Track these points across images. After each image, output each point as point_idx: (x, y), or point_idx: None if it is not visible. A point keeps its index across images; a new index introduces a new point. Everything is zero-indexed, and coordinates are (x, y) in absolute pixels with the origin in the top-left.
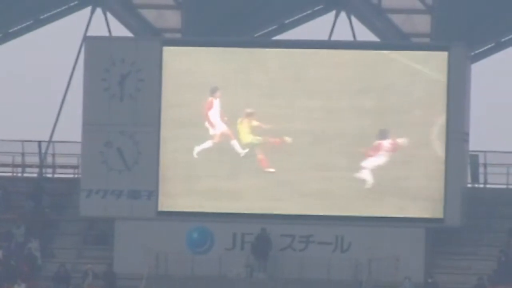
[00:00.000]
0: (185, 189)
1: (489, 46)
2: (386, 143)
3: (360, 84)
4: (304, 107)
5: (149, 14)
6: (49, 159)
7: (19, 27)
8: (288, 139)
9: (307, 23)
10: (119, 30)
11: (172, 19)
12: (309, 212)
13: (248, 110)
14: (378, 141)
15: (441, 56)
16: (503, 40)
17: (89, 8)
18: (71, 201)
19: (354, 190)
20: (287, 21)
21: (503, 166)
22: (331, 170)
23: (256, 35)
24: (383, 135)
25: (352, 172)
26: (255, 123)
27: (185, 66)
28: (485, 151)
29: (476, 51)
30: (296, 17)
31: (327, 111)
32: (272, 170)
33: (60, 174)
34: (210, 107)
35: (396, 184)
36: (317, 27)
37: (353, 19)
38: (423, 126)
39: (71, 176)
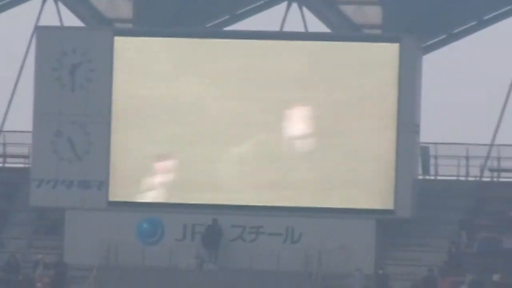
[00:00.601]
0: (136, 179)
1: (441, 37)
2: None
3: (311, 76)
4: (256, 98)
5: (100, 4)
6: None
7: None
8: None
9: (259, 14)
10: (71, 20)
11: (123, 9)
12: (259, 203)
13: None
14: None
15: (393, 48)
16: (454, 31)
17: None
18: (22, 191)
19: (305, 181)
20: (238, 12)
21: (454, 158)
22: (282, 161)
23: (207, 25)
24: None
25: (302, 163)
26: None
27: (136, 56)
28: (436, 143)
29: (428, 43)
30: (247, 8)
31: (279, 102)
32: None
33: (11, 163)
34: None
35: (347, 176)
36: (268, 18)
37: (305, 10)
38: (374, 117)
39: (22, 165)
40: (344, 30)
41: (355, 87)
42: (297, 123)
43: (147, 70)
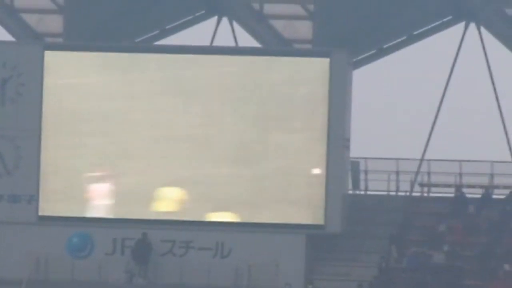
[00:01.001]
0: (65, 194)
1: (371, 52)
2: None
3: (241, 91)
4: (184, 112)
5: (30, 18)
6: None
7: None
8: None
9: (189, 29)
10: (1, 34)
11: (53, 23)
12: (189, 218)
13: None
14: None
15: (323, 62)
16: (385, 46)
17: None
18: None
19: (235, 196)
20: (168, 27)
21: (384, 172)
22: (212, 176)
23: (137, 40)
24: None
25: (232, 179)
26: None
27: (66, 71)
28: (366, 158)
29: (358, 58)
30: (177, 22)
31: (208, 116)
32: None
33: None
34: None
35: (277, 190)
36: (198, 33)
37: (235, 24)
38: (304, 132)
39: None
40: (275, 45)
41: (286, 101)
42: (227, 137)
43: (76, 84)
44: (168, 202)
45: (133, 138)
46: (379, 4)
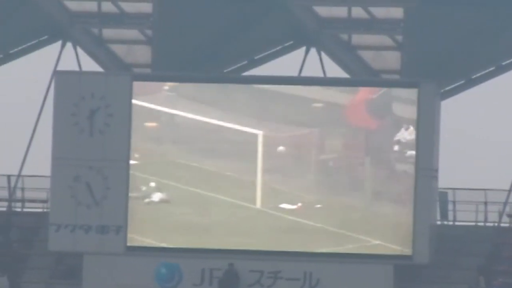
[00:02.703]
0: (153, 224)
1: (460, 83)
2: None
3: (329, 121)
4: (273, 143)
5: (119, 49)
6: (18, 193)
7: None
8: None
9: (277, 59)
10: (89, 64)
11: (142, 54)
12: (278, 248)
13: None
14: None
15: (411, 93)
16: (473, 77)
17: (59, 43)
18: (40, 235)
19: (323, 226)
20: (257, 57)
21: (472, 203)
22: (301, 206)
23: (226, 70)
24: None
25: (321, 209)
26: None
27: (154, 101)
28: (454, 188)
29: (446, 88)
30: (266, 53)
31: (296, 147)
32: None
33: (29, 208)
34: None
35: (365, 221)
36: (287, 63)
37: (323, 55)
38: (393, 162)
39: (40, 210)
40: (363, 75)
41: (374, 132)
42: (315, 167)
43: (164, 114)
44: (256, 231)
45: (220, 168)
46: (468, 34)
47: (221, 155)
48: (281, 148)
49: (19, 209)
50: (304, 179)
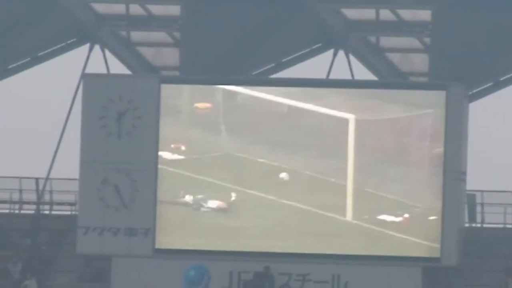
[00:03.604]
0: (182, 226)
1: (488, 85)
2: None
3: (357, 124)
4: (301, 146)
5: (147, 52)
6: (46, 196)
7: (17, 64)
8: (285, 176)
9: (305, 62)
10: (117, 67)
11: (170, 56)
12: (306, 251)
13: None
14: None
15: (439, 95)
16: (501, 79)
17: (87, 45)
18: (68, 238)
19: (352, 228)
20: (284, 60)
21: (500, 205)
22: (329, 209)
23: (253, 73)
24: None
25: (350, 211)
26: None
27: (183, 104)
28: (482, 191)
29: (474, 90)
30: (294, 56)
31: (324, 149)
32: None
33: (57, 211)
34: None
35: (393, 223)
36: (315, 66)
37: (351, 57)
38: (421, 165)
39: (68, 213)
40: (391, 78)
41: (402, 134)
42: (344, 169)
43: (193, 116)
44: (284, 234)
45: (250, 171)
46: (495, 36)
47: (297, 148)
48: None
49: (47, 212)
50: (334, 181)
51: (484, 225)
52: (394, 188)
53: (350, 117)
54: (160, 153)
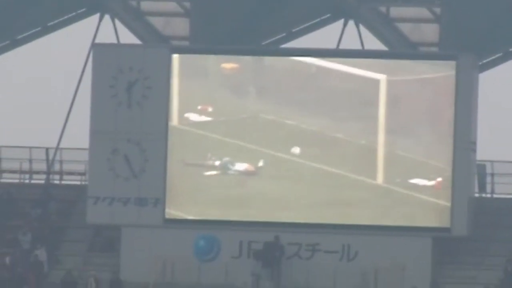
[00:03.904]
0: (192, 196)
1: (497, 55)
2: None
3: (366, 94)
4: (311, 116)
5: (157, 22)
6: (56, 166)
7: (27, 33)
8: (296, 149)
9: (315, 32)
10: (127, 37)
11: (180, 26)
12: (315, 221)
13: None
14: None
15: (449, 65)
16: (511, 49)
17: (97, 15)
18: (78, 208)
19: (361, 198)
20: (294, 30)
21: (511, 175)
22: (339, 180)
23: (263, 43)
24: None
25: (359, 182)
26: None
27: (192, 74)
28: (492, 161)
29: (484, 61)
30: (303, 26)
31: (334, 120)
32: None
33: (67, 181)
34: None
35: (403, 193)
36: (325, 36)
37: (362, 27)
38: (431, 135)
39: (78, 183)
40: (401, 48)
41: (412, 104)
42: (354, 140)
43: (202, 86)
44: (294, 204)
45: (261, 140)
46: (506, 7)
47: (327, 109)
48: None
49: (57, 182)
50: (344, 152)
51: (494, 195)
52: (426, 151)
53: (382, 77)
54: (186, 114)
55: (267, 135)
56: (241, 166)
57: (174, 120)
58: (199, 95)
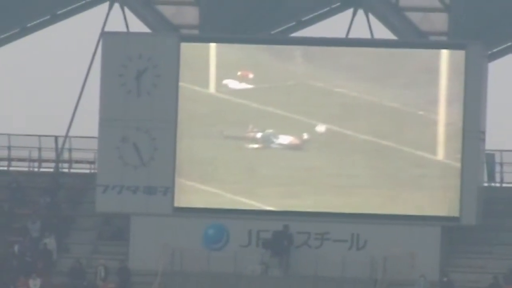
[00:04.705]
0: (201, 185)
1: (507, 45)
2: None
3: (377, 84)
4: (321, 105)
5: (167, 10)
6: (65, 154)
7: (36, 22)
8: (305, 136)
9: (325, 21)
10: (137, 25)
11: (189, 15)
12: (325, 210)
13: None
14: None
15: (458, 55)
16: None
17: (107, 3)
18: (87, 196)
19: (371, 188)
20: (304, 19)
21: None
22: (348, 168)
23: (273, 32)
24: None
25: (368, 170)
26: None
27: (202, 62)
28: (501, 150)
29: (493, 50)
30: (313, 15)
31: (343, 108)
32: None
33: (77, 169)
34: None
35: (412, 182)
36: (334, 25)
37: (371, 17)
38: (440, 124)
39: (87, 171)
40: (411, 37)
41: (421, 94)
42: (363, 128)
43: (212, 75)
44: (303, 193)
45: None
46: None
47: (381, 77)
48: None
49: (66, 170)
50: (353, 140)
51: (503, 185)
52: (412, 147)
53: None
54: (225, 81)
55: (314, 104)
56: (285, 139)
57: (211, 88)
58: (239, 59)
